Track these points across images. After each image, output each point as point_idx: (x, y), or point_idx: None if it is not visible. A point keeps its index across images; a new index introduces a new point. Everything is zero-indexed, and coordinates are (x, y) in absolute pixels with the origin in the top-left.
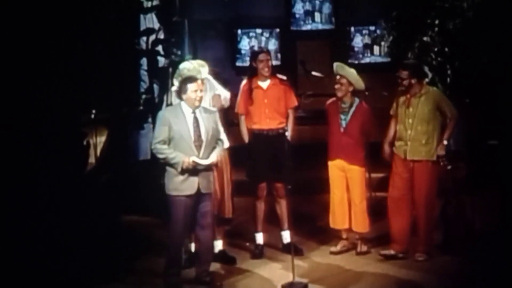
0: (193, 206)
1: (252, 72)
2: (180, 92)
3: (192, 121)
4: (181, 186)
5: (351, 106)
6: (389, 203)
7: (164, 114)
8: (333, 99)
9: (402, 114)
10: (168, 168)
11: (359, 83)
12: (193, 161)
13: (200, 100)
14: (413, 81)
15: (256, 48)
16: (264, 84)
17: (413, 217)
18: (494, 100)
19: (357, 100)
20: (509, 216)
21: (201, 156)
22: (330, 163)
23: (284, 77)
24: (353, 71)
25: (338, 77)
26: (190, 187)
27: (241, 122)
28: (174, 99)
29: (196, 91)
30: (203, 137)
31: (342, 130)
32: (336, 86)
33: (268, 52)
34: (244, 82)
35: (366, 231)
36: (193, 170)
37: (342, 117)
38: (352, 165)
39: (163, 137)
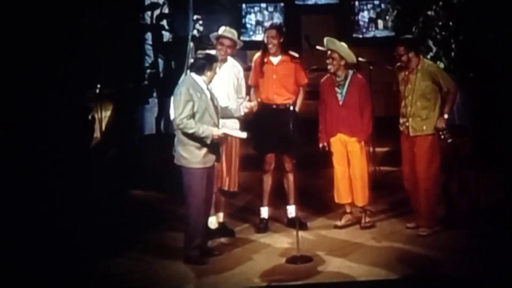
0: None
1: (264, 47)
2: (203, 67)
3: (209, 95)
4: (204, 158)
5: (346, 78)
6: (403, 179)
7: (186, 89)
8: (327, 75)
9: (403, 91)
10: (188, 141)
11: (350, 57)
12: (223, 133)
13: None
14: (410, 55)
15: (267, 24)
16: (275, 60)
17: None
18: (499, 75)
19: (351, 72)
20: None
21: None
22: (331, 139)
23: (296, 55)
24: (343, 44)
25: (329, 52)
26: (211, 159)
27: (252, 94)
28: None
29: (215, 69)
30: (218, 108)
31: (340, 103)
32: (328, 61)
33: (276, 27)
34: (257, 55)
35: (366, 204)
36: (216, 143)
37: (339, 90)
38: (353, 138)
39: (189, 112)
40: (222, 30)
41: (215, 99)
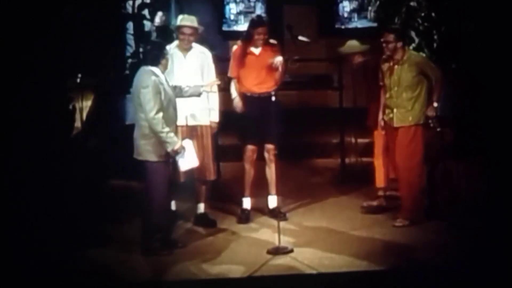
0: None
1: (247, 38)
2: (157, 57)
3: (168, 85)
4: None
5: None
6: (394, 169)
7: (154, 81)
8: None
9: (388, 83)
10: (153, 135)
11: (358, 47)
12: (182, 148)
13: None
14: (398, 45)
15: (255, 17)
16: (257, 50)
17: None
18: (481, 66)
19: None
20: (495, 181)
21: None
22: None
23: (275, 42)
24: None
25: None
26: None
27: (233, 85)
28: None
29: (167, 56)
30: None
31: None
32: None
33: (266, 24)
34: (236, 46)
35: None
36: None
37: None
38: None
39: (159, 106)
40: (180, 19)
41: (172, 89)
